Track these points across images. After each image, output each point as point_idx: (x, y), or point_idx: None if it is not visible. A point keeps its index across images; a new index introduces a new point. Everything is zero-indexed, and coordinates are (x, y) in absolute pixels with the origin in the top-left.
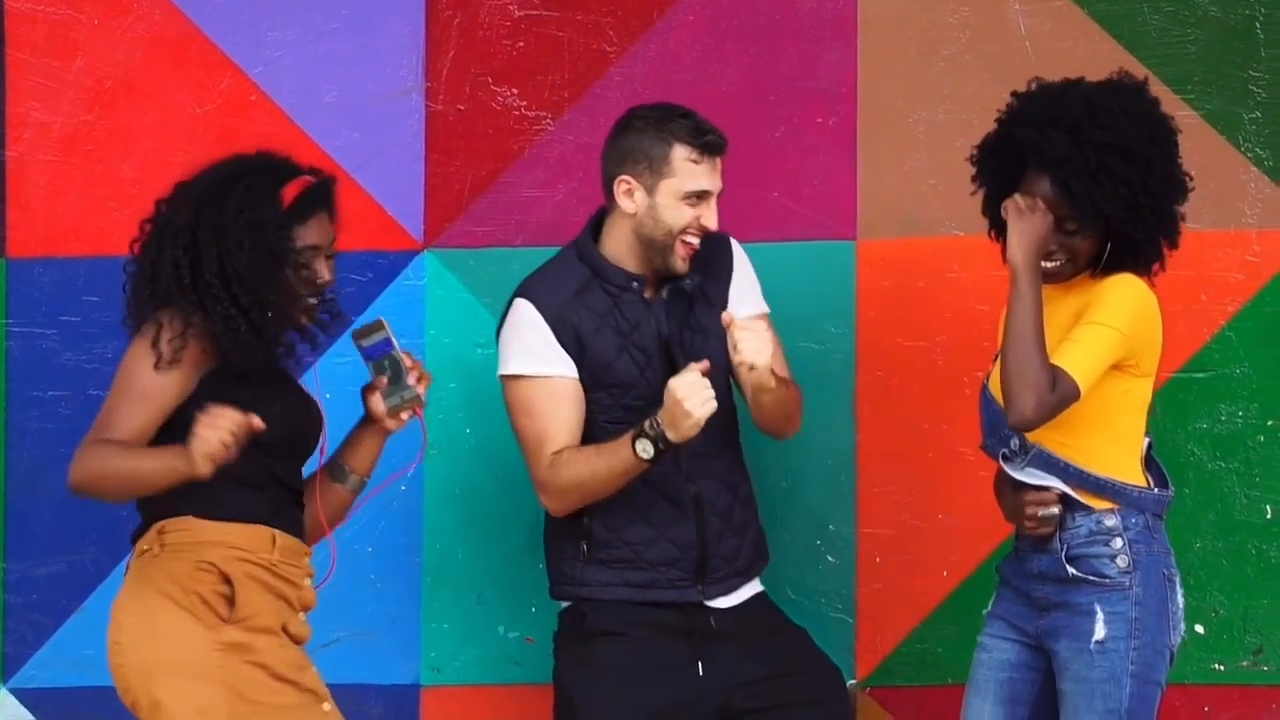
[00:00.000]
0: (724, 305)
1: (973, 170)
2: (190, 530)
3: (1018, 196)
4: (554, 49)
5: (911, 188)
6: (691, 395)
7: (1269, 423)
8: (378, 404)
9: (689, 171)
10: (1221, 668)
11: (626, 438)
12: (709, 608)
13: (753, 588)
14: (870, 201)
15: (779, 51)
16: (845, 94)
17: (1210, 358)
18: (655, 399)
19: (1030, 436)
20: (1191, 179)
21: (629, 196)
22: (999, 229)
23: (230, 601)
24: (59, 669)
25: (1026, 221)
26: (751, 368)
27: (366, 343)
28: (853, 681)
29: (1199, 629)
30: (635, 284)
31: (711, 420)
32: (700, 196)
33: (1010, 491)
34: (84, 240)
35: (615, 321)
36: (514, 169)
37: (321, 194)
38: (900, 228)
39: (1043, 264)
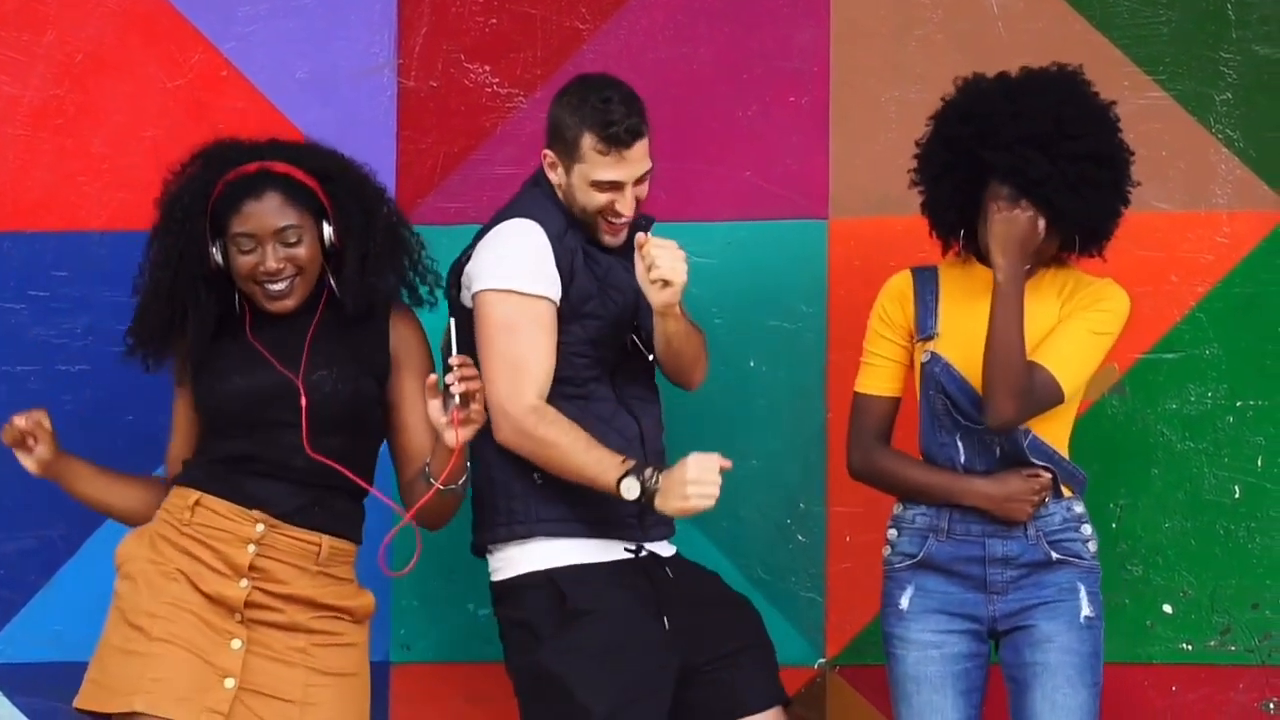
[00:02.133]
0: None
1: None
2: None
3: (997, 201)
4: (527, 26)
5: (883, 167)
6: (702, 482)
7: (1238, 403)
8: (435, 411)
9: (595, 161)
10: (1189, 647)
11: (618, 461)
12: (659, 558)
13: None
14: (842, 180)
15: (751, 30)
16: (817, 73)
17: (1180, 339)
18: (616, 338)
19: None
20: (1133, 153)
21: (553, 169)
22: (950, 231)
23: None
24: (27, 645)
25: (1009, 223)
26: (666, 284)
27: (444, 339)
28: (822, 660)
29: (1167, 609)
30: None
31: (649, 367)
32: (611, 185)
33: (995, 477)
34: (53, 215)
35: (589, 263)
36: (486, 146)
37: (259, 181)
38: (872, 206)
39: None
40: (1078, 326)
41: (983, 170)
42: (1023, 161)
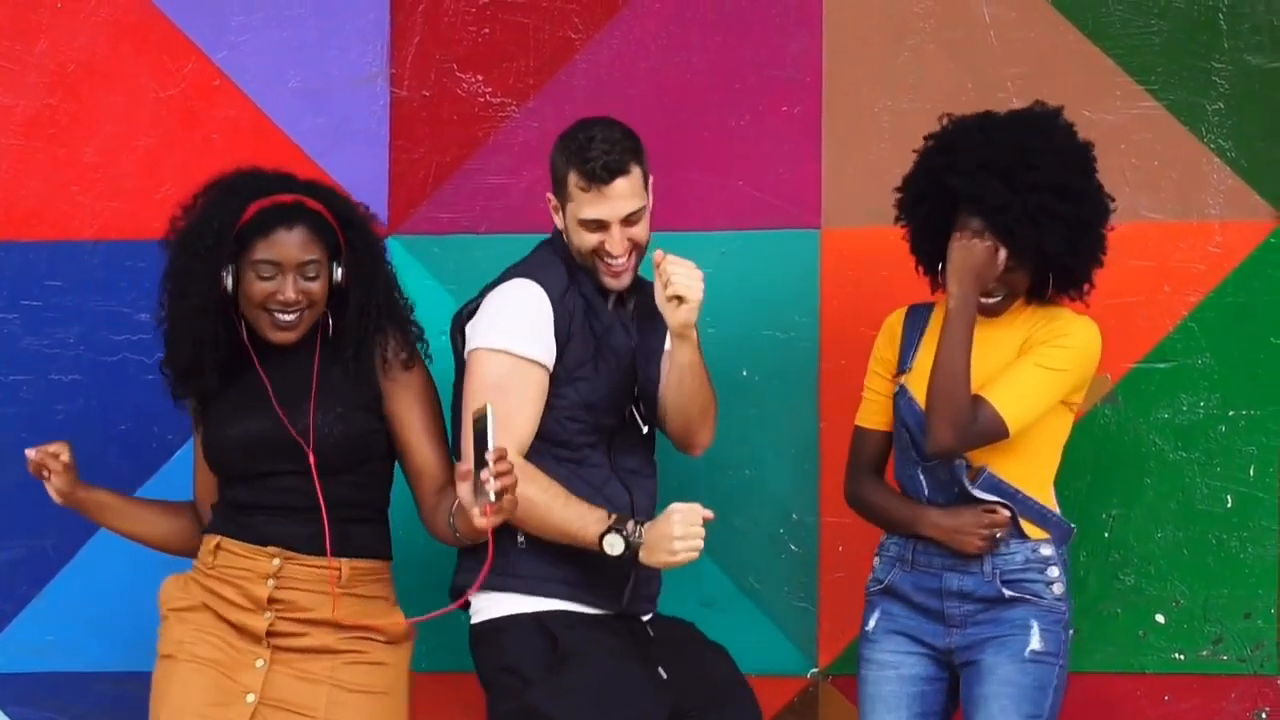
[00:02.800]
0: (665, 333)
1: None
2: None
3: (961, 231)
4: (519, 36)
5: (876, 177)
6: (687, 537)
7: (1230, 413)
8: (465, 493)
9: (579, 199)
10: (1182, 657)
11: (600, 516)
12: (640, 621)
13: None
14: (834, 190)
15: (744, 40)
16: (810, 83)
17: (1172, 348)
18: (614, 403)
19: (977, 458)
20: (1114, 200)
21: (555, 214)
22: (930, 265)
23: None
24: (19, 654)
25: (965, 252)
26: (682, 301)
27: (477, 427)
28: (814, 670)
29: (1159, 618)
30: (611, 299)
31: (647, 440)
32: (597, 224)
33: (922, 502)
34: (46, 224)
35: (591, 326)
36: (479, 155)
37: (291, 213)
38: (864, 216)
39: (983, 300)
40: (1028, 361)
41: (954, 201)
42: (981, 188)
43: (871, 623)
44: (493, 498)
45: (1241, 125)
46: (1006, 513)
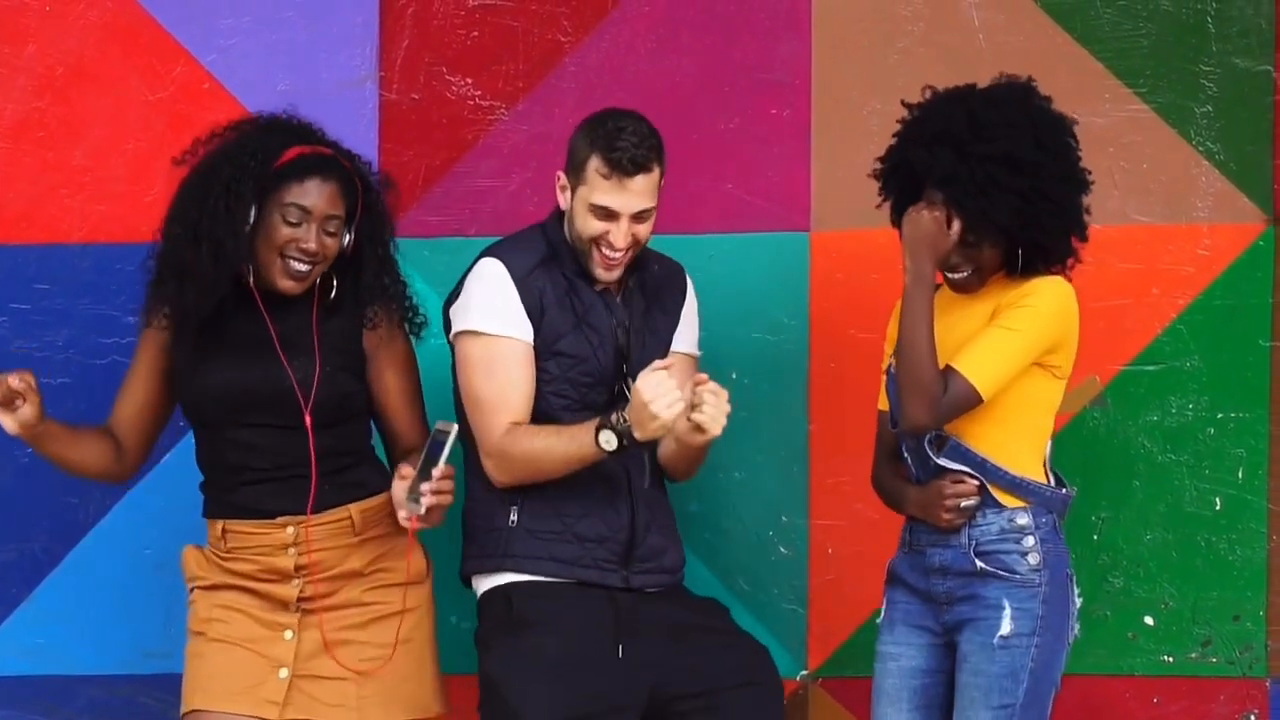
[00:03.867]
0: (675, 319)
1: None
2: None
3: (915, 205)
4: (508, 39)
5: (865, 179)
6: (658, 396)
7: (1219, 415)
8: (398, 490)
9: (596, 184)
10: (1171, 659)
11: (590, 425)
12: (633, 592)
13: (679, 580)
14: (824, 193)
15: (733, 43)
16: (799, 86)
17: (1161, 351)
18: (602, 378)
19: (948, 427)
20: (1090, 174)
21: (562, 193)
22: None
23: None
24: (9, 657)
25: (913, 223)
26: (702, 431)
27: (437, 437)
28: (804, 672)
29: (1148, 620)
30: (586, 276)
31: None
32: (607, 213)
33: (913, 481)
34: (35, 228)
35: (572, 303)
36: (468, 159)
37: (328, 165)
38: (854, 219)
39: (950, 275)
40: (994, 325)
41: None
42: (933, 158)
43: (882, 614)
44: (422, 511)
45: (1230, 128)
46: (974, 483)
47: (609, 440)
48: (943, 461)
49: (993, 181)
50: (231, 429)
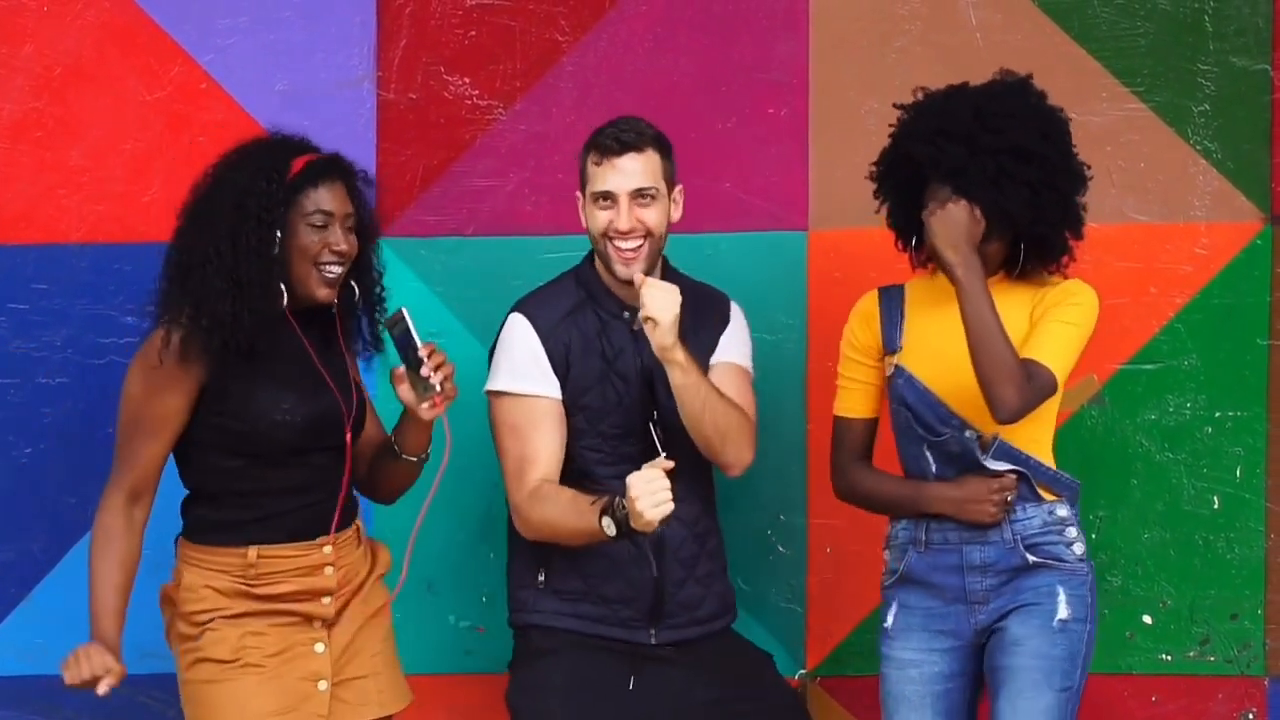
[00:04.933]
0: (710, 348)
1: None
2: (182, 551)
3: (930, 203)
4: (506, 38)
5: (863, 179)
6: (644, 495)
7: (1216, 414)
8: (406, 393)
9: (592, 174)
10: (1169, 658)
11: (595, 507)
12: (661, 646)
13: (719, 630)
14: (822, 192)
15: (731, 42)
16: (797, 85)
17: (1159, 349)
18: (631, 429)
19: (987, 428)
20: (1089, 168)
21: (581, 212)
22: (905, 239)
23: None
24: (7, 657)
25: (943, 217)
26: (654, 324)
27: (395, 333)
28: (802, 671)
29: (1146, 619)
30: (626, 314)
31: (681, 465)
32: (606, 198)
33: (954, 480)
34: (33, 228)
35: (601, 346)
36: (466, 158)
37: (332, 167)
38: (851, 218)
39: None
40: (1052, 320)
41: (922, 171)
42: (940, 152)
43: (890, 618)
44: (439, 388)
45: (1227, 127)
46: (1012, 478)
47: (609, 526)
48: (991, 464)
49: (1003, 172)
50: (291, 457)
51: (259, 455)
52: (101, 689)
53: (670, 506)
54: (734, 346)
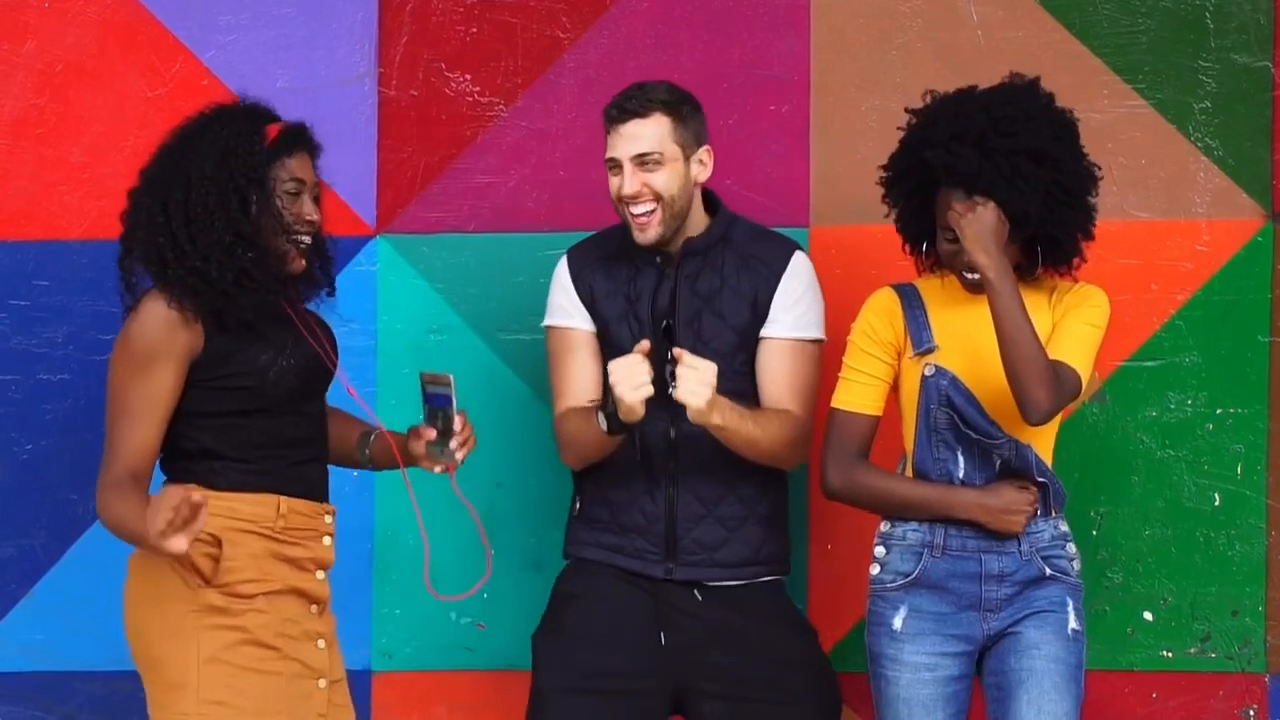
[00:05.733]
0: (754, 300)
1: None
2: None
3: (956, 205)
4: (507, 35)
5: (863, 176)
6: (622, 380)
7: (1218, 411)
8: (419, 448)
9: (607, 143)
10: (1170, 655)
11: (596, 403)
12: (684, 585)
13: (747, 580)
14: (822, 189)
15: (732, 39)
16: (798, 82)
17: (1160, 346)
18: (651, 368)
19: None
20: (1099, 168)
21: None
22: (915, 245)
23: (217, 564)
24: (8, 654)
25: (974, 220)
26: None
27: (431, 389)
28: None
29: (1147, 616)
30: (658, 259)
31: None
32: (614, 165)
33: (987, 488)
34: (34, 224)
35: (627, 290)
36: (467, 155)
37: (303, 135)
38: (852, 215)
39: (968, 276)
40: (1075, 322)
41: (933, 177)
42: (954, 157)
43: (899, 621)
44: (459, 462)
45: (1228, 124)
46: (1036, 490)
47: (601, 421)
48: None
49: (1019, 174)
50: (300, 404)
51: (270, 409)
52: (197, 496)
53: (649, 390)
54: (785, 313)
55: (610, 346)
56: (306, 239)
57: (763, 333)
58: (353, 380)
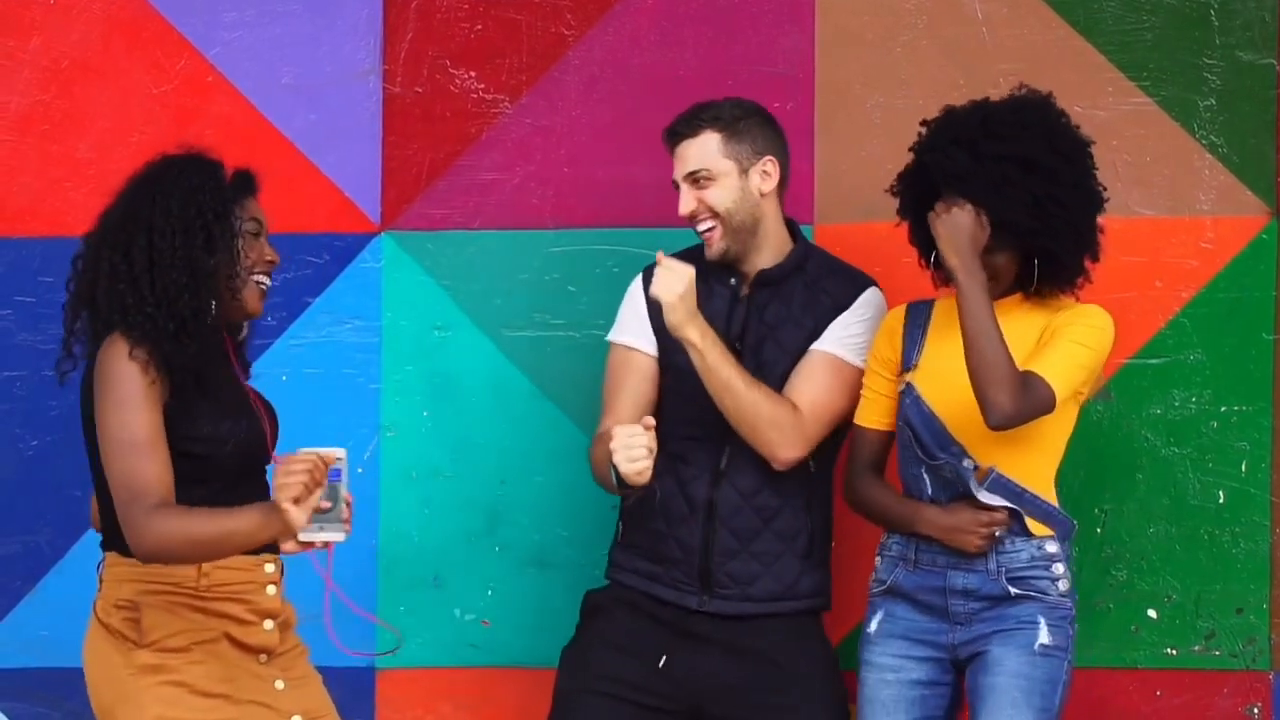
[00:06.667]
0: (812, 332)
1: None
2: (112, 568)
3: (937, 206)
4: (512, 32)
5: (868, 173)
6: (620, 450)
7: (1222, 408)
8: (300, 520)
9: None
10: (1174, 652)
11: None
12: (708, 613)
13: (781, 613)
14: (827, 187)
15: (736, 36)
16: (803, 79)
17: (1164, 344)
18: (704, 396)
19: (987, 454)
20: (1105, 189)
21: None
22: (925, 255)
23: (138, 625)
24: (13, 650)
25: (948, 221)
26: (661, 303)
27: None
28: None
29: (1152, 614)
30: (733, 281)
31: (738, 438)
32: (675, 186)
33: (924, 499)
34: (39, 220)
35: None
36: (472, 152)
37: (254, 179)
38: (857, 213)
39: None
40: (1061, 339)
41: (936, 186)
42: (946, 159)
43: (874, 625)
44: (348, 533)
45: (1233, 121)
46: (1003, 514)
47: (613, 475)
48: (983, 496)
49: (1005, 179)
50: (239, 479)
51: (221, 480)
52: (336, 453)
53: (645, 465)
54: (835, 333)
55: (672, 369)
56: (267, 280)
57: (812, 346)
58: (358, 377)
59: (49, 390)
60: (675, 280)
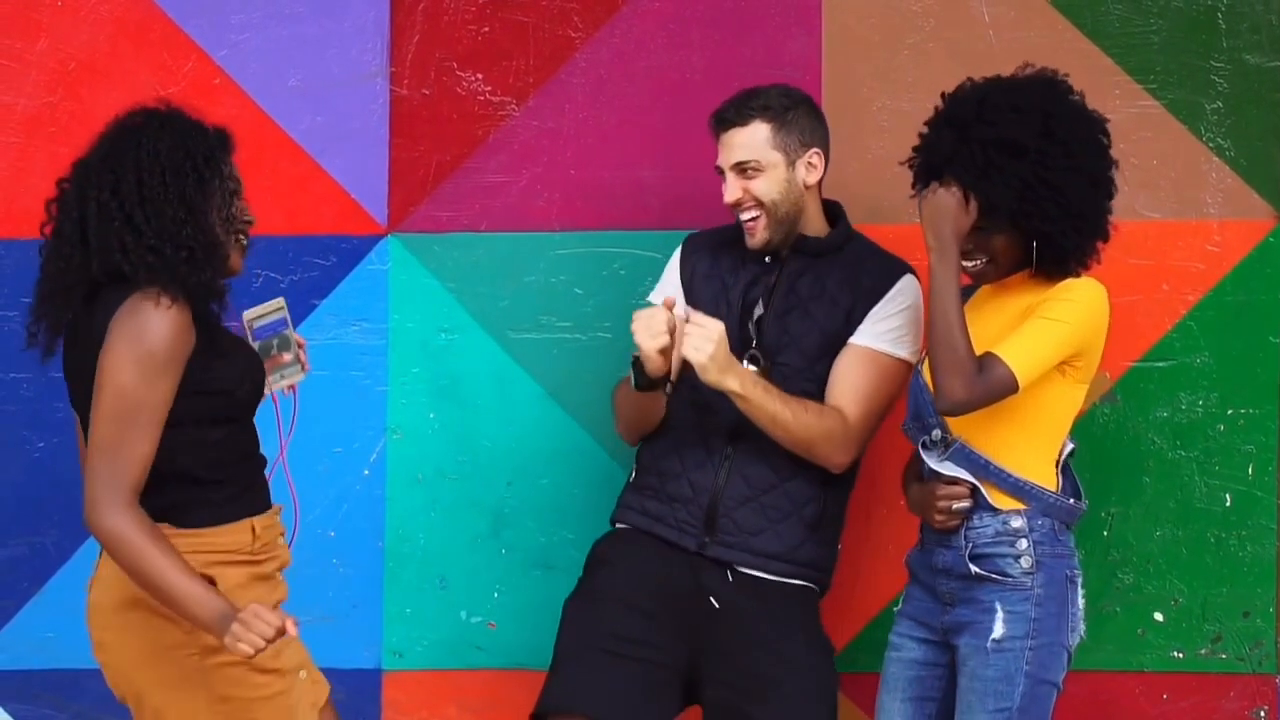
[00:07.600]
0: (849, 311)
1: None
2: (173, 541)
3: (930, 185)
4: (519, 34)
5: (875, 175)
6: (640, 329)
7: (1229, 412)
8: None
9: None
10: (1180, 655)
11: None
12: (717, 564)
13: (778, 576)
14: (834, 189)
15: (743, 38)
16: (809, 81)
17: (1171, 347)
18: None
19: (955, 429)
20: (1117, 164)
21: None
22: None
23: None
24: (19, 651)
25: (931, 201)
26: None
27: (261, 323)
28: None
29: (1158, 617)
30: (767, 258)
31: None
32: (721, 173)
33: (917, 481)
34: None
35: (724, 278)
36: (479, 154)
37: (230, 136)
38: (863, 215)
39: (964, 264)
40: (1034, 317)
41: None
42: (936, 139)
43: (899, 604)
44: (308, 369)
45: (1240, 124)
46: (963, 487)
47: (630, 375)
48: (941, 468)
49: (991, 164)
50: (250, 417)
51: (236, 419)
52: (293, 630)
53: (665, 340)
54: (872, 326)
55: None
56: (245, 238)
57: (849, 339)
58: (364, 379)
59: (56, 392)
60: (703, 339)
